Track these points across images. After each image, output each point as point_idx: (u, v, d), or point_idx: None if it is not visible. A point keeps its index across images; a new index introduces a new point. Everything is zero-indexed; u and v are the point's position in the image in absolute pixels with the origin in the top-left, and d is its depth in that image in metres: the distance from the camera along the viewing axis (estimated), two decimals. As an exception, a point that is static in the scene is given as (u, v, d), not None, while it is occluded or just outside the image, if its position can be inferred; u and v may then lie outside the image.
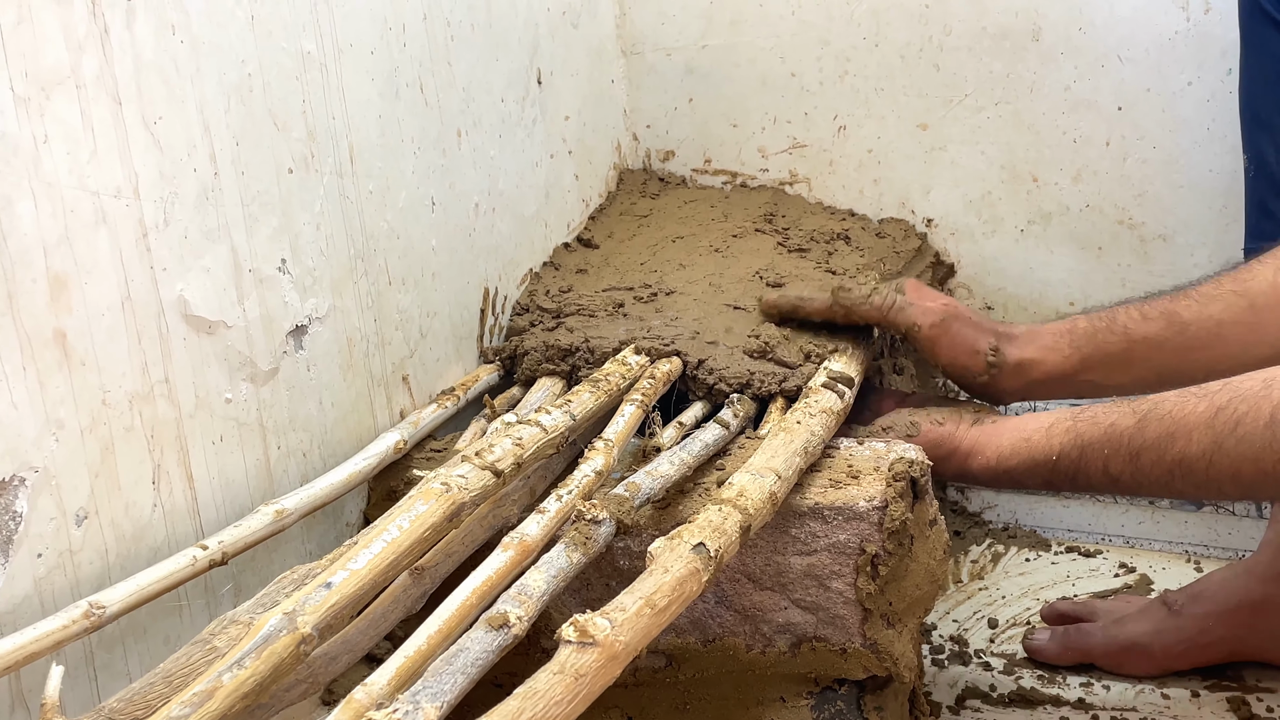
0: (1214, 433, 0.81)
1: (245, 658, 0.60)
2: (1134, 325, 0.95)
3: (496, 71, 1.12)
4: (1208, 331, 0.93)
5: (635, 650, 0.62)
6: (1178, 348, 0.94)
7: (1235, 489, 0.82)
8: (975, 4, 1.25)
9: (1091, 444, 0.88)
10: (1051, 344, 0.98)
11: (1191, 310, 0.94)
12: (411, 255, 1.00)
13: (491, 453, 0.79)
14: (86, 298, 0.71)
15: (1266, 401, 0.79)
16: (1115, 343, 0.96)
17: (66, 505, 0.70)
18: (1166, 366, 0.95)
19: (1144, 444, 0.85)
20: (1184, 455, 0.83)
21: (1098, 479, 0.88)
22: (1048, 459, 0.89)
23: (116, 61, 0.72)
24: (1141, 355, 0.95)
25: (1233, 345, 0.92)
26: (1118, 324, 0.96)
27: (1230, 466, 0.81)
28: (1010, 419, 0.95)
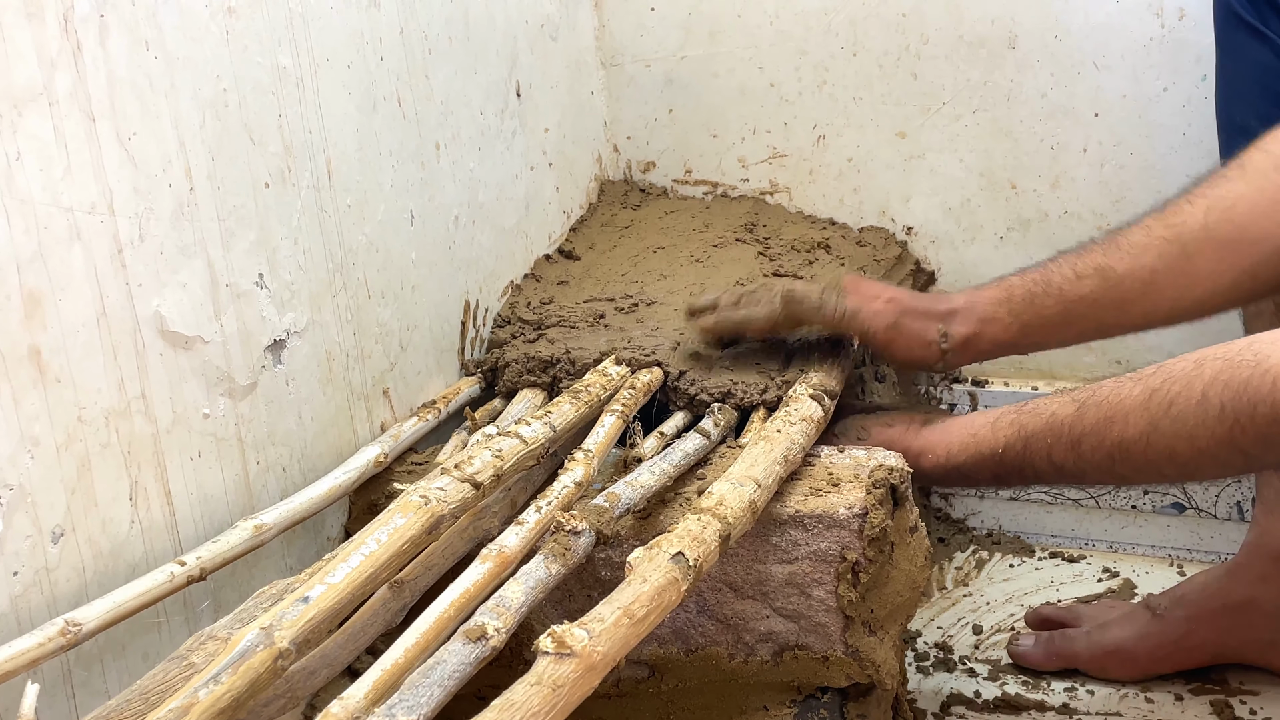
0: (1149, 414, 0.82)
1: (222, 673, 0.60)
2: (1069, 286, 0.94)
3: (475, 84, 1.13)
4: (1142, 282, 0.92)
5: (613, 661, 0.62)
6: (1114, 302, 0.94)
7: (1173, 469, 0.83)
8: (952, 13, 1.26)
9: (1034, 435, 0.89)
10: (990, 314, 0.97)
11: (1124, 263, 0.92)
12: (391, 268, 1.00)
13: (471, 465, 0.79)
14: (61, 314, 0.70)
15: (1198, 380, 0.80)
16: (1052, 306, 0.95)
17: (42, 522, 0.70)
18: (1105, 321, 0.96)
19: (1084, 431, 0.86)
20: (1122, 438, 0.83)
21: (1043, 468, 0.89)
22: (994, 452, 0.90)
23: (90, 78, 0.72)
24: (1079, 314, 0.95)
25: (1168, 292, 0.92)
26: (1053, 286, 0.95)
27: (1166, 446, 0.82)
28: (959, 417, 0.97)
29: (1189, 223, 0.91)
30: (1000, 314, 0.97)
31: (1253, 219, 0.89)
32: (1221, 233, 0.90)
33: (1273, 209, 0.89)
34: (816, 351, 1.04)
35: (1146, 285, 0.92)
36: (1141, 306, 0.93)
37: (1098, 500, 1.28)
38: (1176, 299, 0.92)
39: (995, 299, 0.98)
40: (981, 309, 0.98)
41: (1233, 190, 0.90)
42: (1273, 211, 0.89)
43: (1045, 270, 0.97)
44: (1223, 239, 0.90)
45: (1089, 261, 0.94)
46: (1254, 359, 0.77)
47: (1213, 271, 0.90)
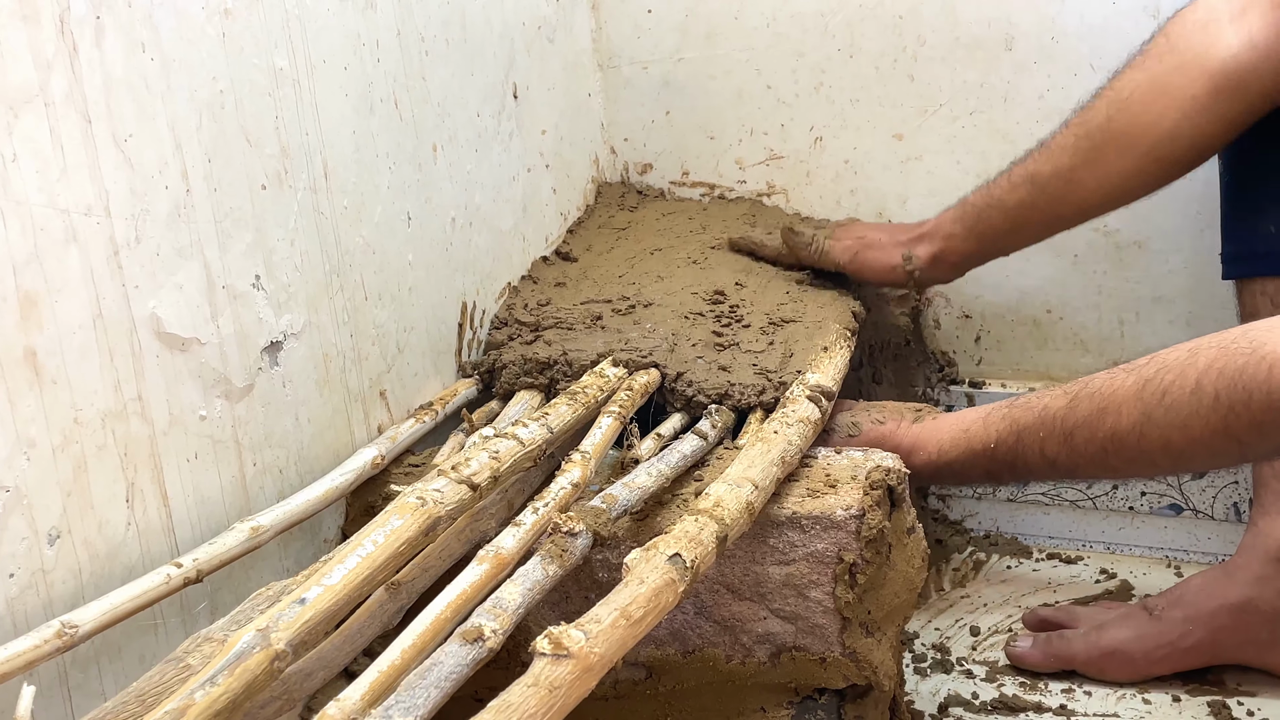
0: (1143, 404, 0.82)
1: (218, 675, 0.59)
2: (1007, 196, 1.04)
3: (472, 86, 1.13)
4: (1065, 180, 1.00)
5: (610, 662, 0.62)
6: (1046, 202, 1.02)
7: (1167, 460, 0.83)
8: (948, 15, 1.26)
9: (1027, 429, 0.89)
10: (950, 231, 1.10)
11: (1049, 165, 1.01)
12: (388, 270, 1.00)
13: (468, 466, 0.79)
14: (57, 316, 0.70)
15: (1192, 369, 0.80)
16: (997, 216, 1.06)
17: (38, 524, 0.70)
18: (1045, 219, 1.05)
19: (1076, 423, 0.86)
20: (1115, 430, 0.84)
21: (1036, 463, 0.89)
22: (986, 448, 0.90)
23: (86, 79, 0.72)
24: (1022, 218, 1.05)
25: (1089, 184, 1.01)
26: (995, 198, 1.05)
27: (1160, 436, 0.82)
28: (950, 415, 0.97)
29: (1095, 118, 0.98)
30: (958, 230, 1.09)
31: (1144, 106, 0.96)
32: (1120, 123, 0.97)
33: (1160, 94, 0.95)
34: (813, 352, 1.05)
35: (1068, 182, 1.01)
36: (1071, 201, 1.02)
37: (1095, 501, 1.28)
38: (1098, 189, 1.01)
39: (955, 218, 1.09)
40: (944, 230, 1.10)
41: (1130, 81, 0.97)
42: (1160, 97, 0.94)
43: (992, 184, 1.07)
44: (1121, 129, 0.97)
45: (1022, 170, 1.03)
46: (1250, 346, 0.77)
47: (1119, 161, 0.98)
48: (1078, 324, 1.30)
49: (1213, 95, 0.94)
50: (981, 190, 1.08)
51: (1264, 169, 1.00)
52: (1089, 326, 1.29)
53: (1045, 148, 1.02)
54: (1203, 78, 0.93)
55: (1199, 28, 0.94)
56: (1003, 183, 1.05)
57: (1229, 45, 0.92)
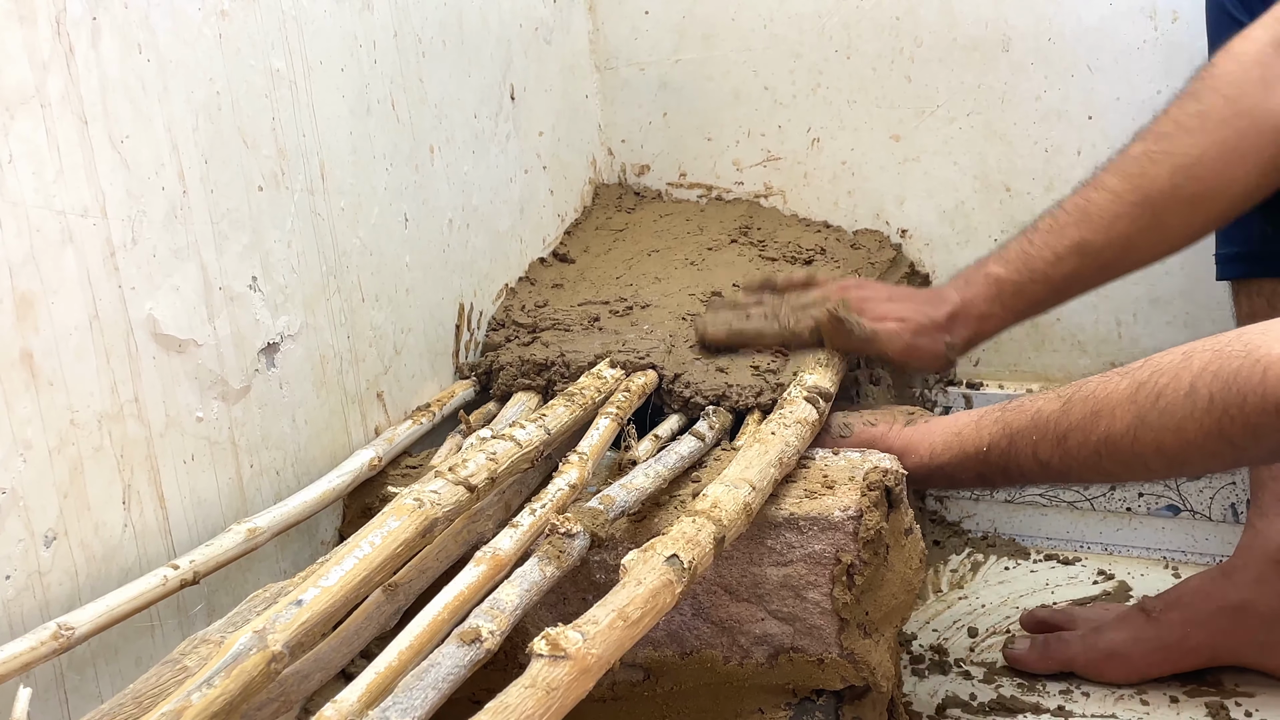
0: (1136, 407, 0.82)
1: (215, 676, 0.59)
2: (1052, 270, 0.98)
3: (469, 87, 1.13)
4: (1120, 249, 0.96)
5: (608, 663, 0.62)
6: (1095, 270, 0.98)
7: (1160, 463, 0.83)
8: (945, 16, 1.26)
9: (1020, 431, 0.89)
10: (986, 312, 1.01)
11: (1101, 235, 0.96)
12: (385, 272, 1.00)
13: (465, 468, 0.79)
14: (54, 317, 0.70)
15: (1186, 372, 0.80)
16: (1040, 290, 0.99)
17: (35, 526, 0.70)
18: (1089, 286, 1.01)
19: (1070, 426, 0.85)
20: (1109, 433, 0.83)
21: (1028, 466, 0.89)
22: (978, 450, 0.90)
23: (82, 81, 0.72)
24: (1066, 289, 1.00)
25: (1144, 251, 0.97)
26: (1038, 273, 0.98)
27: (1154, 439, 0.81)
28: (942, 418, 0.97)
29: (1157, 185, 0.93)
30: (995, 310, 1.01)
31: (1218, 173, 0.92)
32: (1188, 191, 0.93)
33: (1233, 159, 0.91)
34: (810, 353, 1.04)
35: (1124, 250, 0.96)
36: (1121, 267, 0.99)
37: (1093, 503, 1.28)
38: (1152, 254, 0.98)
39: (988, 297, 1.01)
40: (977, 309, 1.02)
41: (1197, 145, 0.92)
42: (1236, 160, 0.91)
43: (1025, 255, 0.99)
44: (1190, 197, 0.93)
45: (1066, 240, 0.97)
46: (1244, 349, 0.77)
47: (1183, 226, 0.95)
48: (1075, 325, 1.29)
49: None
50: (1012, 262, 1.00)
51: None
52: (1086, 328, 1.29)
53: (1088, 216, 0.96)
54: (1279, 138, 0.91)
55: (1260, 86, 0.90)
56: (1045, 254, 0.98)
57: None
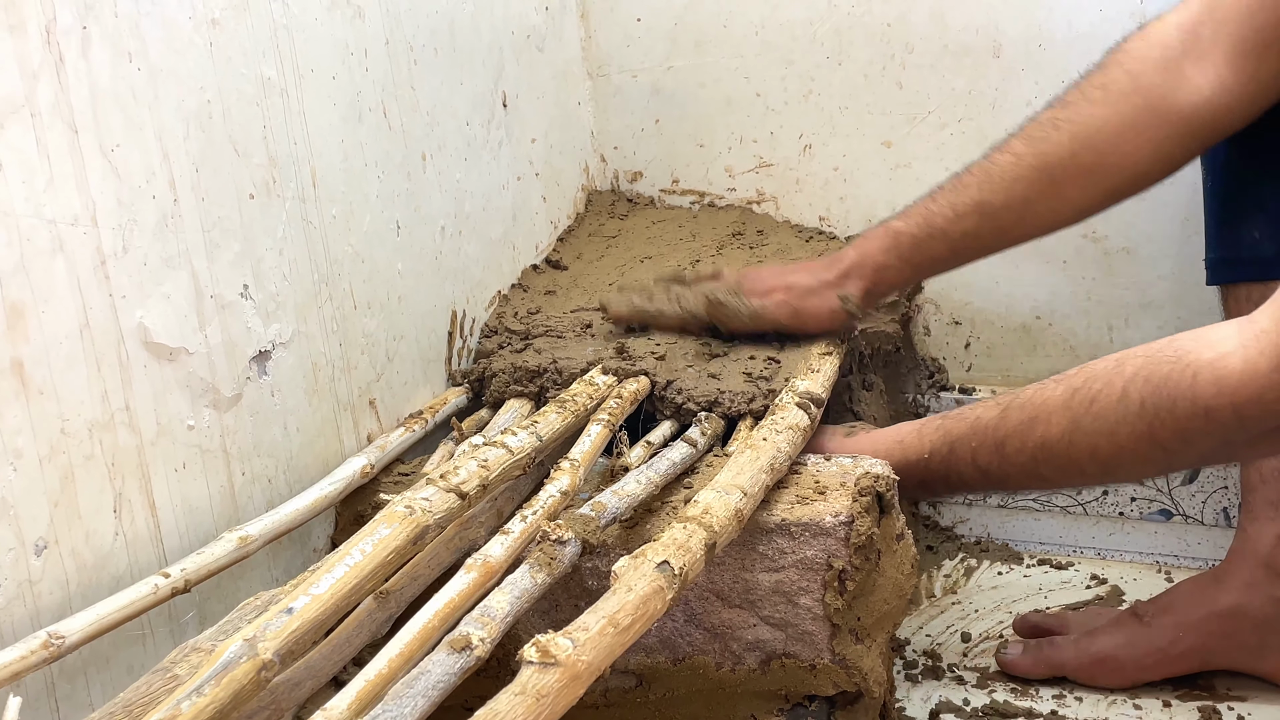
0: (1071, 413, 0.83)
1: (205, 684, 0.59)
2: (951, 226, 0.99)
3: (461, 95, 1.13)
4: (1017, 212, 0.98)
5: (598, 670, 0.62)
6: (994, 231, 1.00)
7: (1095, 468, 0.84)
8: (936, 22, 1.26)
9: (959, 439, 0.90)
10: (883, 263, 1.03)
11: (1000, 196, 0.97)
12: (377, 279, 1.00)
13: (456, 475, 0.79)
14: (44, 326, 0.70)
15: (1119, 377, 0.81)
16: (939, 246, 1.01)
17: (25, 535, 0.69)
18: (987, 247, 1.03)
19: (1008, 432, 0.86)
20: (1045, 438, 0.84)
21: (969, 473, 0.89)
22: (920, 458, 0.91)
23: (72, 90, 0.72)
24: (964, 247, 1.01)
25: (1041, 216, 0.99)
26: (936, 229, 1.00)
27: (1088, 444, 0.82)
28: (886, 428, 0.98)
29: (1057, 151, 0.95)
30: (891, 261, 1.03)
31: (1114, 145, 0.94)
32: (1086, 160, 0.95)
33: (1131, 133, 0.93)
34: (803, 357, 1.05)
35: (1021, 213, 0.98)
36: (1019, 230, 1.01)
37: (1085, 507, 1.28)
38: (1049, 219, 1.00)
39: (884, 248, 1.03)
40: (874, 260, 1.04)
41: (1096, 115, 0.94)
42: (1131, 135, 0.93)
43: (927, 211, 1.01)
44: (1087, 166, 0.95)
45: (967, 198, 0.99)
46: (1174, 355, 0.79)
47: (1080, 194, 0.97)
48: (1067, 330, 1.30)
49: (1185, 137, 0.94)
50: (913, 219, 1.02)
51: (1247, 177, 1.01)
52: (1078, 332, 1.29)
53: (990, 177, 0.98)
54: (1176, 120, 0.93)
55: (1161, 67, 0.93)
56: (945, 212, 1.00)
57: (1199, 89, 0.92)
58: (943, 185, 1.02)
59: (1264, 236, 0.99)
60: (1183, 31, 0.93)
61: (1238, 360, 0.76)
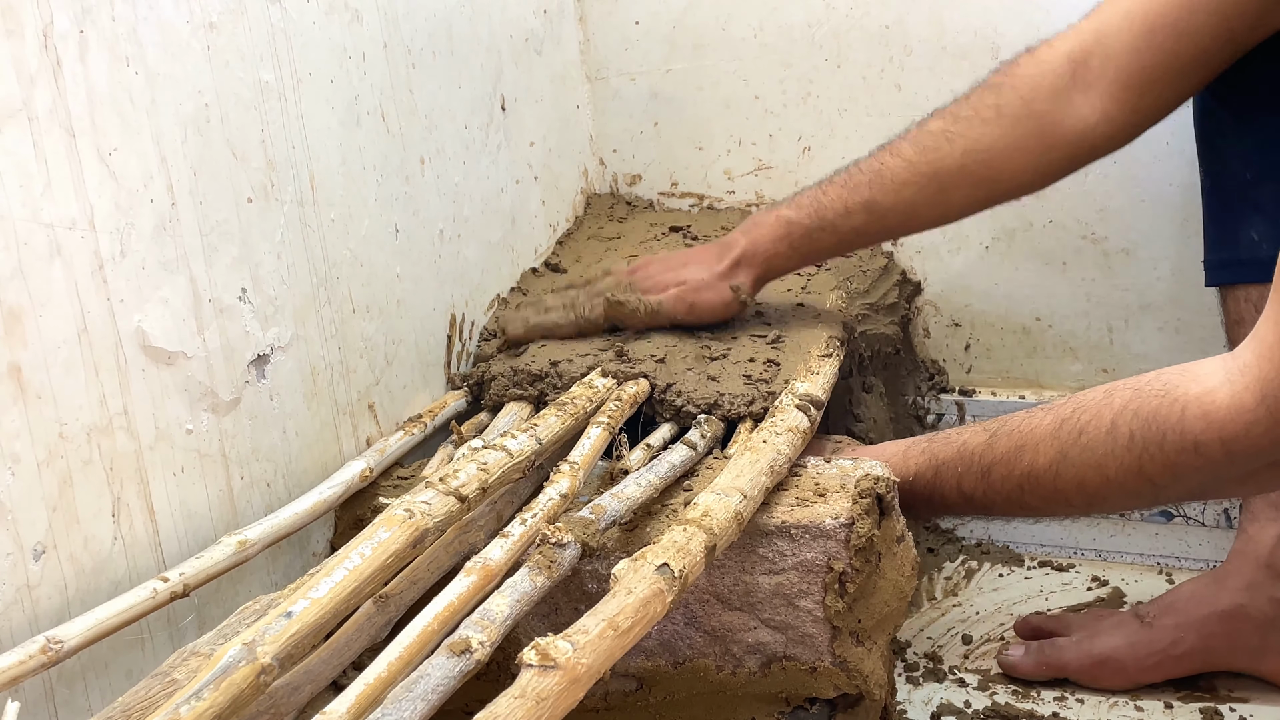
0: (1059, 442, 0.83)
1: (204, 689, 0.59)
2: (841, 221, 1.05)
3: (459, 98, 1.13)
4: (904, 214, 1.04)
5: (598, 673, 0.62)
6: (880, 230, 1.08)
7: (1081, 499, 0.84)
8: (934, 24, 1.26)
9: (945, 463, 0.90)
10: (772, 250, 1.08)
11: (889, 198, 1.03)
12: (375, 283, 1.00)
13: (456, 478, 0.79)
14: (42, 330, 0.70)
15: (1107, 409, 0.81)
16: (827, 239, 1.06)
17: (23, 540, 0.69)
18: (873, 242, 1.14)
19: (994, 459, 0.87)
20: (1032, 467, 0.84)
21: (952, 498, 0.90)
22: (904, 479, 0.91)
23: (70, 94, 0.72)
24: (851, 241, 1.08)
25: (926, 218, 1.06)
26: (827, 222, 1.05)
27: (1075, 476, 0.82)
28: (870, 447, 0.99)
29: (947, 163, 1.01)
30: (781, 249, 1.08)
31: (1003, 162, 1.00)
32: (975, 174, 1.01)
33: (1019, 154, 0.99)
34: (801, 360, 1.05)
35: (907, 215, 1.04)
36: (904, 229, 1.11)
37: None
38: (932, 221, 1.07)
39: (776, 238, 1.08)
40: (765, 251, 1.08)
41: (989, 134, 1.00)
42: (1019, 155, 0.99)
43: (819, 204, 1.06)
44: (976, 179, 1.01)
45: (858, 198, 1.04)
46: (1162, 389, 0.79)
47: (964, 201, 1.03)
48: (1067, 331, 1.30)
49: (1067, 159, 1.00)
50: (804, 209, 1.06)
51: (1245, 178, 1.01)
52: (1078, 334, 1.29)
53: (882, 179, 1.03)
54: (1061, 145, 0.99)
55: (1051, 94, 0.98)
56: (836, 206, 1.04)
57: (1085, 119, 0.97)
58: (833, 179, 1.06)
59: (1262, 237, 0.99)
60: (1073, 61, 0.97)
61: (1224, 395, 0.76)
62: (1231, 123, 1.00)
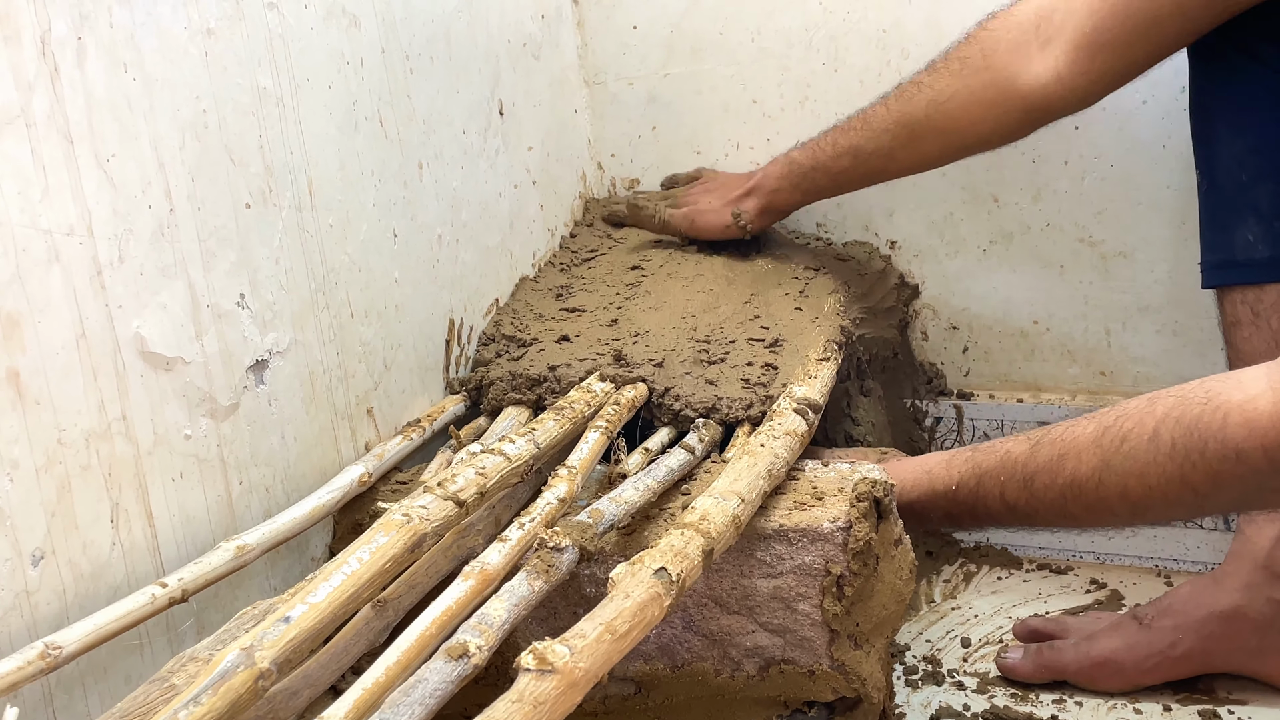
0: (1101, 450, 0.82)
1: (202, 694, 0.59)
2: (831, 162, 1.17)
3: (457, 103, 1.13)
4: (883, 157, 1.13)
5: (595, 677, 0.62)
6: (865, 172, 1.16)
7: (1125, 508, 0.83)
8: (932, 29, 1.27)
9: (988, 472, 0.89)
10: (776, 185, 1.22)
11: (870, 144, 1.13)
12: (374, 288, 1.00)
13: (454, 483, 0.79)
14: (40, 336, 0.70)
15: (1150, 417, 0.80)
16: (821, 178, 1.18)
17: (22, 545, 0.69)
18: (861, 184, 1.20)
19: (1037, 468, 0.86)
20: (1075, 476, 0.84)
21: (995, 507, 0.89)
22: (947, 489, 0.91)
23: (68, 100, 0.72)
24: (842, 181, 1.18)
25: (904, 163, 1.14)
26: (820, 163, 1.17)
27: (1118, 484, 0.82)
28: (914, 457, 0.99)
29: (914, 112, 1.09)
30: (784, 186, 1.21)
31: (961, 113, 1.07)
32: (938, 121, 1.08)
33: (973, 104, 1.06)
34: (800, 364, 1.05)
35: (887, 159, 1.14)
36: (887, 173, 1.16)
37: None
38: (910, 164, 1.15)
39: (781, 175, 1.21)
40: (770, 184, 1.22)
41: (949, 86, 1.07)
42: (976, 107, 1.06)
43: (817, 147, 1.18)
44: (940, 127, 1.08)
45: (846, 141, 1.15)
46: (1205, 396, 0.78)
47: (935, 149, 1.11)
48: (1065, 334, 1.30)
49: (1022, 114, 1.04)
50: (807, 151, 1.18)
51: (1240, 180, 1.01)
52: (1076, 337, 1.30)
53: (868, 125, 1.13)
54: (1015, 99, 1.03)
55: (1011, 49, 1.03)
56: (827, 149, 1.16)
57: (1038, 76, 1.01)
58: (837, 124, 1.17)
59: (1258, 239, 1.00)
60: (1039, 15, 1.02)
61: (1267, 402, 0.75)
62: (1227, 125, 1.01)
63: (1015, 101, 1.03)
